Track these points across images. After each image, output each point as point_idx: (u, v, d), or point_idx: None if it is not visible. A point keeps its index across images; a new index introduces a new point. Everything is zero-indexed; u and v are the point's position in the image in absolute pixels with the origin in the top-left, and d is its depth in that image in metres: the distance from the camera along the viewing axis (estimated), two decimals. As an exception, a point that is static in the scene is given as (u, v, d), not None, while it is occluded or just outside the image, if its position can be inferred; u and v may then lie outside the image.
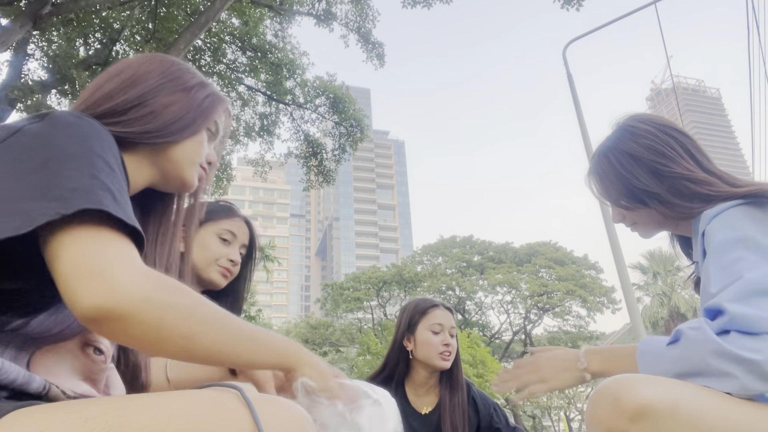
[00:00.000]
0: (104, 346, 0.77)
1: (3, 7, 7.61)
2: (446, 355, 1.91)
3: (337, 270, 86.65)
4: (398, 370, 1.98)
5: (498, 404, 2.01)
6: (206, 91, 0.91)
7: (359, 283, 28.90)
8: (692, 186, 1.07)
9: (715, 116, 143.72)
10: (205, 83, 0.93)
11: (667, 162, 1.10)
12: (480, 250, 29.79)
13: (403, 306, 2.11)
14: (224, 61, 10.66)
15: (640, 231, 1.24)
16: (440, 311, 1.99)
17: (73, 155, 0.63)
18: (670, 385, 0.80)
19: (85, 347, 0.74)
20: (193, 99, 0.88)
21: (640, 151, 1.14)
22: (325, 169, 12.04)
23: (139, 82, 0.83)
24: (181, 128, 0.85)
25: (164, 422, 0.55)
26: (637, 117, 1.22)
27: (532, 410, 25.89)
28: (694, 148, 1.13)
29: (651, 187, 1.11)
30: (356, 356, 23.06)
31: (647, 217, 1.18)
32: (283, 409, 0.64)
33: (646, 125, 1.17)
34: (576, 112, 8.71)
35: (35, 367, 0.67)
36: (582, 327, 27.35)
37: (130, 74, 0.84)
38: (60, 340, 0.71)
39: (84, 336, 0.74)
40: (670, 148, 1.12)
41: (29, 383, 0.61)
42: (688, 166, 1.10)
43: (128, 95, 0.81)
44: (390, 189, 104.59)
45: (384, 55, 11.59)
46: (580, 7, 9.53)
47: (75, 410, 0.55)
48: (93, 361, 0.75)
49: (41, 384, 0.63)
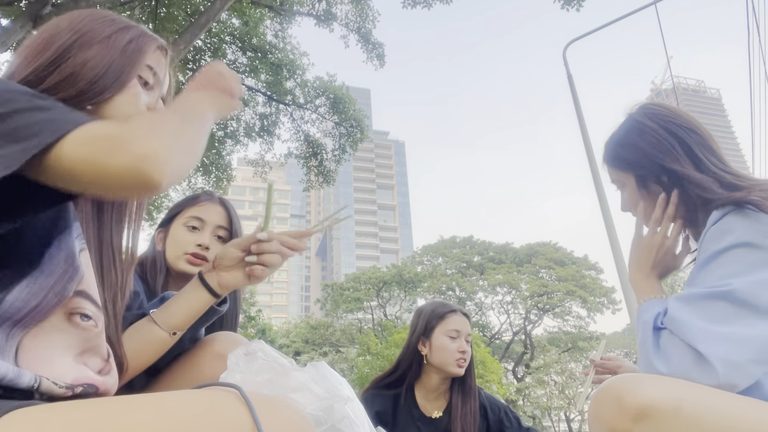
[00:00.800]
0: (90, 310, 0.73)
1: (3, 7, 7.61)
2: (461, 362, 1.90)
3: (337, 270, 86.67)
4: (411, 372, 1.96)
5: (509, 407, 1.99)
6: (129, 34, 0.84)
7: (359, 283, 28.92)
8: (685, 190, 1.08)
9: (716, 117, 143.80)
10: (127, 27, 0.85)
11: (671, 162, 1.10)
12: (480, 250, 29.80)
13: (419, 309, 2.09)
14: (224, 61, 10.66)
15: None
16: (458, 317, 1.97)
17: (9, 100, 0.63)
18: (673, 385, 0.79)
19: (71, 317, 0.70)
20: (113, 48, 0.81)
21: (645, 147, 1.14)
22: (325, 169, 12.04)
23: (51, 43, 0.78)
24: (107, 85, 0.79)
25: (163, 422, 0.54)
26: (645, 110, 1.20)
27: (533, 410, 25.89)
28: (699, 145, 1.11)
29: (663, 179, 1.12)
30: (356, 356, 23.04)
31: None
32: (282, 409, 0.64)
33: (651, 120, 1.16)
34: (576, 112, 8.70)
35: (26, 356, 0.64)
36: (582, 327, 27.36)
37: (44, 37, 0.80)
38: (41, 316, 0.67)
39: (65, 306, 0.70)
40: (670, 146, 1.11)
41: (19, 379, 0.60)
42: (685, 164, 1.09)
43: (41, 60, 0.77)
44: (390, 189, 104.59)
45: (384, 56, 11.59)
46: (580, 7, 9.53)
47: (72, 411, 0.54)
48: (84, 328, 0.71)
49: (32, 378, 0.61)
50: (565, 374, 26.62)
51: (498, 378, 19.12)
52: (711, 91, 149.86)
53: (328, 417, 0.80)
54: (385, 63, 11.69)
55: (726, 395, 0.80)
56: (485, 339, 25.39)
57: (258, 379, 0.84)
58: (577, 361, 27.77)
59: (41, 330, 0.67)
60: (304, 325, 31.30)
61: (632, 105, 1.25)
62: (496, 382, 18.68)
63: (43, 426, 0.52)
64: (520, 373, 27.03)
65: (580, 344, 26.68)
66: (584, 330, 27.30)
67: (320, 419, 0.79)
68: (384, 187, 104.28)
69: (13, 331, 0.64)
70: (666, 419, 0.74)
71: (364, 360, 20.11)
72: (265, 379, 0.84)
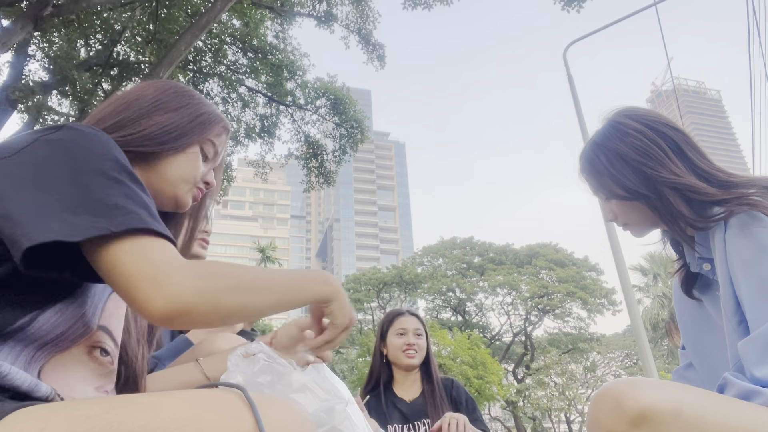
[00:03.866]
0: (109, 346, 0.76)
1: (4, 8, 7.61)
2: (410, 353, 2.20)
3: (337, 271, 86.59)
4: (383, 374, 2.26)
5: (471, 397, 2.24)
6: (202, 109, 0.92)
7: (359, 284, 28.91)
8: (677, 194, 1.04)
9: (716, 118, 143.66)
10: (202, 103, 0.93)
11: (654, 165, 1.06)
12: (480, 251, 29.77)
13: (380, 320, 2.44)
14: (225, 62, 10.67)
15: (632, 231, 1.21)
16: (404, 317, 2.31)
17: (101, 169, 0.67)
18: (673, 389, 0.78)
19: (92, 350, 0.74)
20: (185, 115, 0.89)
21: (626, 151, 1.10)
22: (325, 170, 12.05)
23: (132, 106, 0.85)
24: (171, 139, 0.85)
25: (167, 420, 0.54)
26: (626, 112, 1.16)
27: (533, 412, 25.85)
28: (687, 145, 1.09)
29: (640, 189, 1.08)
30: (356, 357, 23.05)
31: (640, 216, 1.15)
32: (284, 410, 0.64)
33: (634, 122, 1.12)
34: (576, 113, 8.71)
35: (45, 380, 0.66)
36: (582, 329, 27.33)
37: (126, 100, 0.86)
38: (66, 345, 0.70)
39: (89, 339, 0.73)
40: (658, 148, 1.07)
41: (35, 390, 0.61)
42: (675, 169, 1.06)
43: (120, 117, 0.83)
44: (390, 190, 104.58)
45: (384, 57, 11.59)
46: (580, 8, 9.54)
47: (76, 408, 0.55)
48: (101, 363, 0.75)
49: (48, 390, 0.63)
50: (565, 375, 26.59)
51: (498, 379, 19.09)
52: (711, 92, 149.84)
53: (330, 418, 0.81)
54: (386, 64, 11.69)
55: (726, 400, 0.79)
56: (485, 340, 25.36)
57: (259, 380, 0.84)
58: (577, 362, 27.75)
59: (62, 359, 0.70)
60: (305, 326, 31.21)
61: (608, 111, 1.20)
62: (496, 383, 18.65)
63: (47, 423, 0.52)
64: (520, 374, 27.00)
65: (580, 345, 26.65)
66: (584, 331, 27.26)
67: (321, 420, 0.80)
68: (384, 188, 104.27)
69: (37, 354, 0.66)
70: (665, 423, 0.73)
71: (365, 361, 20.09)
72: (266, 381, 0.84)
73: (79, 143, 0.68)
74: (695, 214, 1.04)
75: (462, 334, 20.57)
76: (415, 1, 10.45)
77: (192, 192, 0.91)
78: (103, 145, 0.70)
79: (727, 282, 0.96)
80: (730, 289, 0.96)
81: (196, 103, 0.92)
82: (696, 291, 1.18)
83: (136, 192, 0.68)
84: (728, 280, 0.96)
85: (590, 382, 27.50)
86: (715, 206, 1.02)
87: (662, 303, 19.79)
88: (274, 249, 33.17)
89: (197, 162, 0.90)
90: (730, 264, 0.95)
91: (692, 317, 1.21)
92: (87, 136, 0.70)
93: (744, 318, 0.93)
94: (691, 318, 1.21)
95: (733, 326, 0.96)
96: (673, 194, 1.05)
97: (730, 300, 0.96)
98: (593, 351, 28.03)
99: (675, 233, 1.12)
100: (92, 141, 0.69)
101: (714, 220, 1.00)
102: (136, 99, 0.87)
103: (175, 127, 0.86)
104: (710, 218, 1.01)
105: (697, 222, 1.03)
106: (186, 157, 0.88)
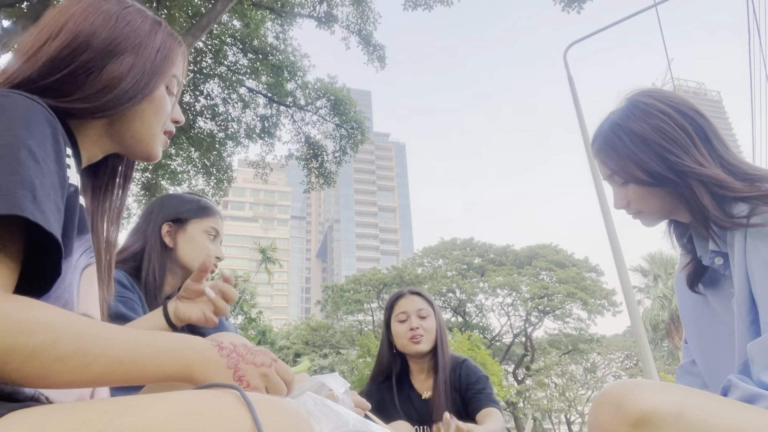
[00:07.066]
0: None
1: (5, 8, 7.62)
2: (415, 339, 1.97)
3: (337, 272, 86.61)
4: (394, 366, 2.05)
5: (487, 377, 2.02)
6: (157, 38, 0.80)
7: (360, 285, 28.91)
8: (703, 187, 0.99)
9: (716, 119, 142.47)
10: (153, 28, 0.80)
11: (679, 152, 1.00)
12: (480, 252, 29.77)
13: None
14: (225, 63, 10.67)
15: (644, 219, 1.15)
16: (403, 300, 2.06)
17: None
18: (675, 392, 0.78)
19: None
20: (144, 56, 0.77)
21: (650, 133, 1.03)
22: (325, 171, 12.04)
23: (83, 48, 0.73)
24: (135, 94, 0.75)
25: (163, 423, 0.54)
26: (650, 92, 1.09)
27: (533, 413, 25.83)
28: (713, 133, 1.02)
29: (669, 174, 1.01)
30: (356, 358, 23.03)
31: (659, 203, 1.08)
32: (282, 410, 0.63)
33: (660, 103, 1.05)
34: (577, 114, 8.71)
35: None
36: (582, 330, 27.32)
37: (73, 34, 0.73)
38: None
39: None
40: (684, 134, 1.01)
41: (19, 391, 0.59)
42: (701, 158, 1.00)
43: (73, 66, 0.72)
44: (391, 191, 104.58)
45: (385, 58, 11.59)
46: (580, 9, 9.54)
47: (72, 412, 0.53)
48: None
49: (31, 390, 0.61)
50: (565, 376, 26.59)
51: (498, 380, 19.09)
52: (712, 93, 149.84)
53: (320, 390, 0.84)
54: (386, 65, 11.69)
55: (728, 403, 0.79)
56: (486, 341, 25.35)
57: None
58: (577, 363, 27.73)
59: None
60: (305, 327, 31.27)
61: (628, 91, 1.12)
62: (496, 384, 18.65)
63: (43, 427, 0.51)
64: (520, 375, 26.98)
65: (580, 346, 26.64)
66: (585, 332, 27.24)
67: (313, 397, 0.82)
68: (384, 189, 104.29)
69: None
70: (667, 426, 0.73)
71: (365, 362, 20.09)
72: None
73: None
74: (721, 212, 0.98)
75: (462, 335, 20.56)
76: (416, 2, 10.46)
77: (162, 141, 0.83)
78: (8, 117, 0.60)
79: (743, 279, 0.94)
80: (746, 287, 0.94)
81: (148, 29, 0.79)
82: (701, 286, 1.14)
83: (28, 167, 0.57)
84: (745, 277, 0.94)
85: (590, 383, 27.51)
86: (739, 202, 0.97)
87: (662, 304, 19.79)
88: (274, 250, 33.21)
89: (165, 106, 0.81)
90: (749, 262, 0.93)
91: (695, 312, 1.18)
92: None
93: (757, 317, 0.91)
94: (694, 313, 1.19)
95: (745, 325, 0.94)
96: (698, 186, 1.00)
97: (745, 298, 0.94)
98: (593, 352, 28.03)
99: (698, 224, 1.05)
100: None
101: (739, 220, 0.96)
102: (88, 35, 0.73)
103: (139, 76, 0.75)
104: (735, 217, 0.97)
105: (724, 222, 0.97)
106: (152, 106, 0.79)
